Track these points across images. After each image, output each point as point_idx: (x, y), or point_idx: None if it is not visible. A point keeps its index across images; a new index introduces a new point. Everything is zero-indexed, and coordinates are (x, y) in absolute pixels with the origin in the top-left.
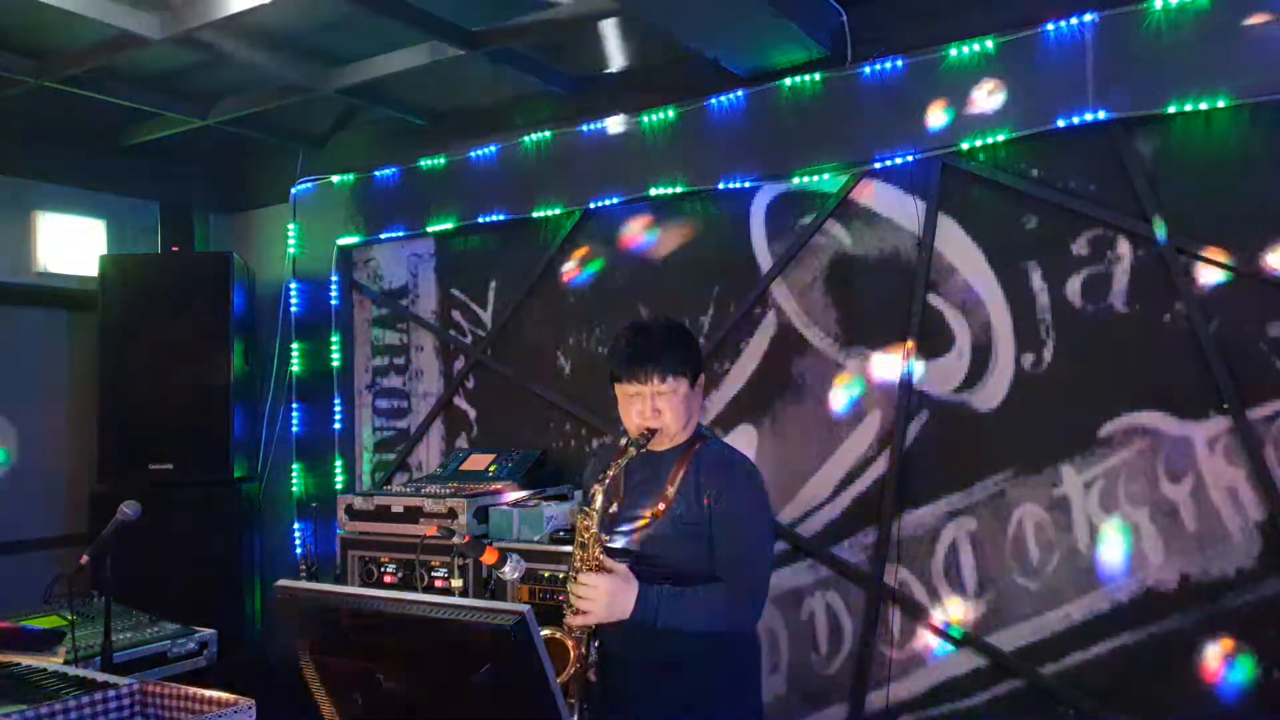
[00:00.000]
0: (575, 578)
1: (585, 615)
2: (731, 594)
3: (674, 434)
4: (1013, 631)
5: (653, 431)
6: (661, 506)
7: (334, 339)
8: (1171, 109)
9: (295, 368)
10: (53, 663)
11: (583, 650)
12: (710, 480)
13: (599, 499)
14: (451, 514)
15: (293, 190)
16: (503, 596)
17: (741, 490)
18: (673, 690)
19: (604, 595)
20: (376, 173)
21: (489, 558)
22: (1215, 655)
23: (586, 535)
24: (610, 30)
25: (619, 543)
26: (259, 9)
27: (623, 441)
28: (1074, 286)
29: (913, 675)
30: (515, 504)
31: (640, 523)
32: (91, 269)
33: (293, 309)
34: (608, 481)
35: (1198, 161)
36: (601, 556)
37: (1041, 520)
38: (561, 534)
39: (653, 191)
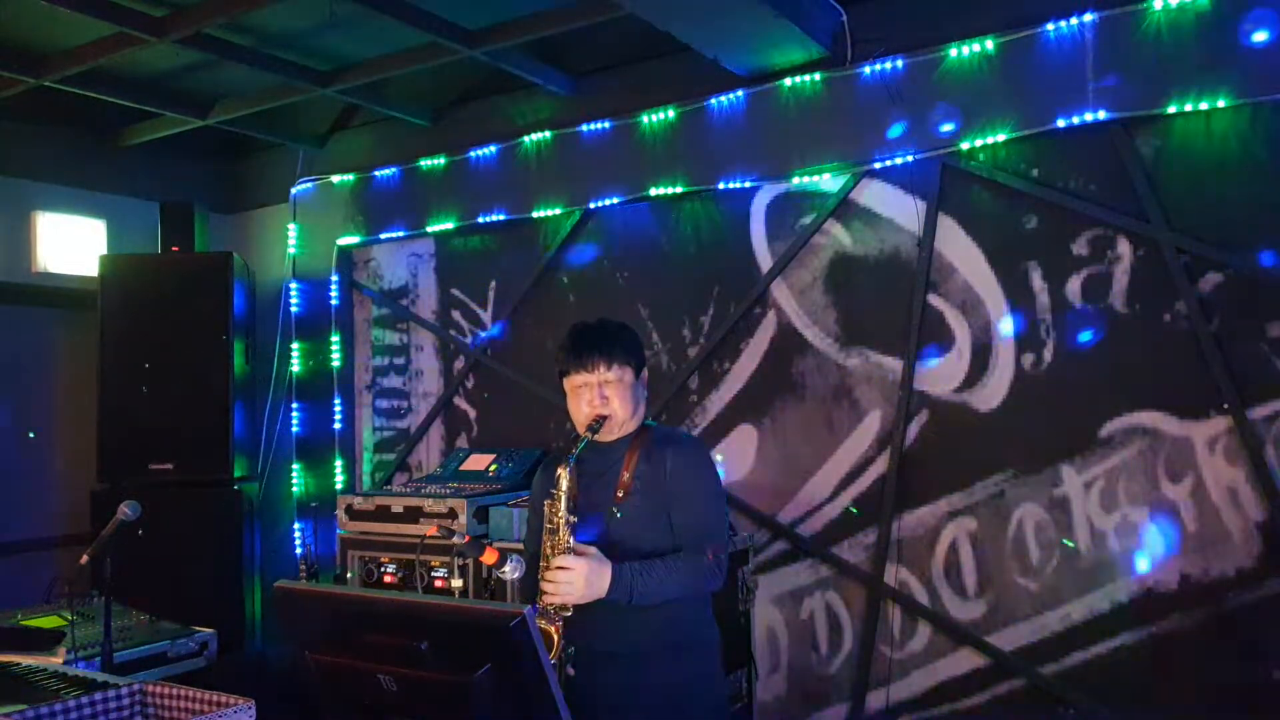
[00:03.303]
0: (547, 564)
1: (564, 598)
2: (697, 560)
3: (622, 422)
4: (1013, 631)
5: (602, 419)
6: (620, 494)
7: (334, 339)
8: (1171, 109)
9: (295, 368)
10: (53, 663)
11: (562, 639)
12: (661, 458)
13: (564, 482)
14: (451, 514)
15: (293, 190)
16: (503, 596)
17: (691, 461)
18: (639, 680)
19: (581, 576)
20: (376, 173)
21: (489, 558)
22: (1215, 655)
23: (556, 520)
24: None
25: (583, 534)
26: (259, 9)
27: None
28: (1074, 286)
29: (913, 675)
30: (515, 504)
31: (601, 512)
32: (91, 269)
33: (293, 309)
34: (571, 465)
35: (1198, 161)
36: (572, 540)
37: (1041, 520)
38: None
39: (653, 191)
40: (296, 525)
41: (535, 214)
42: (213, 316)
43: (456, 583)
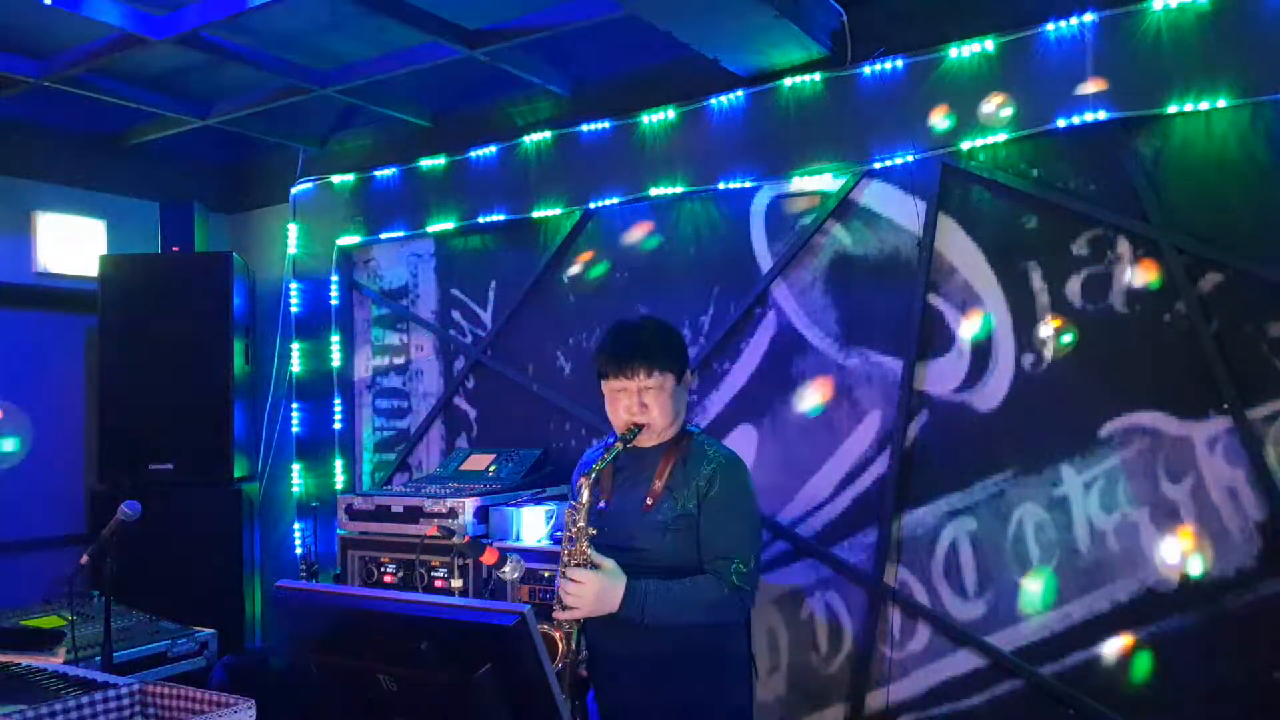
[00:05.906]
0: (563, 573)
1: (572, 610)
2: (719, 586)
3: (661, 429)
4: (1013, 631)
5: (639, 426)
6: (650, 501)
7: (334, 339)
8: (1171, 109)
9: (295, 368)
10: (53, 663)
11: (572, 645)
12: (696, 470)
13: (585, 494)
14: (451, 514)
15: (293, 190)
16: (503, 596)
17: (729, 482)
18: (663, 687)
19: (591, 590)
20: (376, 173)
21: (489, 558)
22: (1215, 655)
23: (574, 530)
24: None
25: (608, 539)
26: (259, 9)
27: (611, 441)
28: (1074, 286)
29: (913, 675)
30: (515, 504)
31: (630, 518)
32: (91, 269)
33: (293, 309)
34: (594, 476)
35: (1198, 161)
36: (590, 551)
37: (1041, 520)
38: (561, 534)
39: (653, 191)
40: (296, 525)
41: (535, 214)
42: (213, 316)
43: (456, 583)
